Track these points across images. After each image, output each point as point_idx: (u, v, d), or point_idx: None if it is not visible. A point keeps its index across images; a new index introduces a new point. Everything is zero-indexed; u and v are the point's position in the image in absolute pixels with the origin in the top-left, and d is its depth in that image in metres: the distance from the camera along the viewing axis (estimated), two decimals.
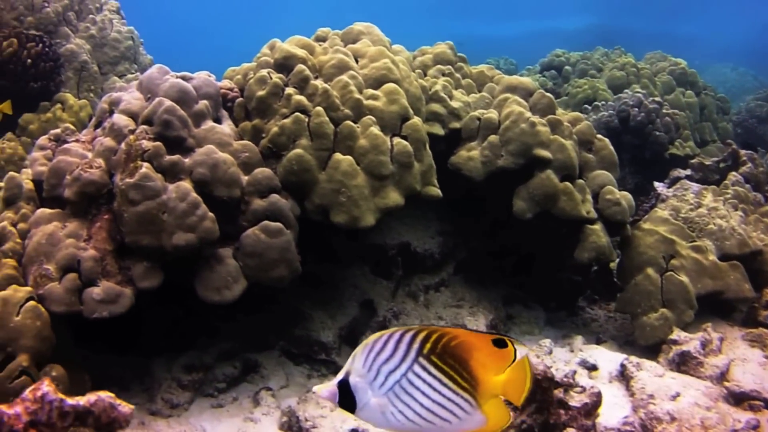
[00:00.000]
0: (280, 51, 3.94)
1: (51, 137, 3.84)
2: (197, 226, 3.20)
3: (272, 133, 3.67)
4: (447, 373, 1.83)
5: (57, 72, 5.85)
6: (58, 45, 6.06)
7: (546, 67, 9.50)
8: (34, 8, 6.07)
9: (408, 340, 1.83)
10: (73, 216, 3.35)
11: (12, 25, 5.92)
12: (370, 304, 4.34)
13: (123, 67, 6.57)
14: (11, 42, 5.63)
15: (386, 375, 1.83)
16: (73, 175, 3.32)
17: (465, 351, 1.84)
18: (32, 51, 5.64)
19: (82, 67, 6.14)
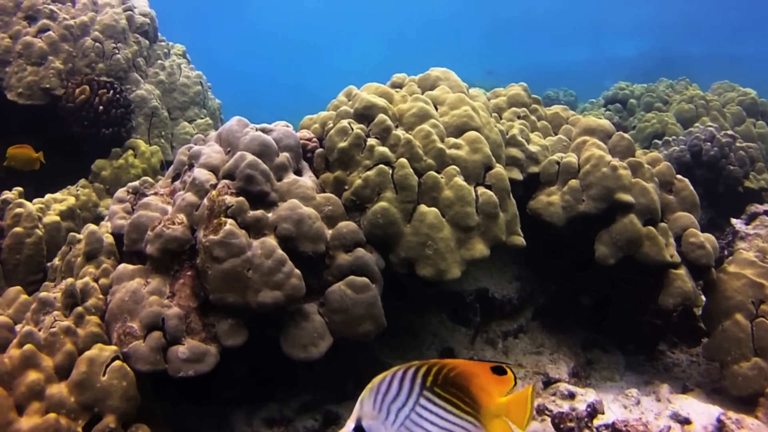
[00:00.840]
0: (360, 101, 3.88)
1: (129, 190, 3.82)
2: (284, 283, 3.13)
3: (356, 186, 3.60)
4: (450, 400, 1.88)
5: (128, 118, 5.86)
6: (128, 91, 6.08)
7: (610, 101, 9.41)
8: (104, 55, 6.10)
9: (411, 377, 1.88)
10: (156, 272, 3.30)
11: (84, 72, 5.95)
12: (450, 352, 4.25)
13: (192, 112, 6.58)
14: (83, 89, 5.65)
15: (396, 412, 1.87)
16: (156, 231, 3.27)
17: (464, 378, 1.90)
18: (104, 97, 5.65)
19: (153, 112, 6.16)
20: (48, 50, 5.88)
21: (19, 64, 5.83)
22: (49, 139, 6.12)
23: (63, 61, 5.92)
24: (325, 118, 4.05)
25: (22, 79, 5.76)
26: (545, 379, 4.23)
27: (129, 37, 6.41)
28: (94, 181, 5.60)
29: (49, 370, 2.98)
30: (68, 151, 6.13)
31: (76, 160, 6.09)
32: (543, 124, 4.79)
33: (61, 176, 6.13)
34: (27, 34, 5.96)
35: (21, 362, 2.94)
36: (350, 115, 3.90)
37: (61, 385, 2.95)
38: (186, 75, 6.78)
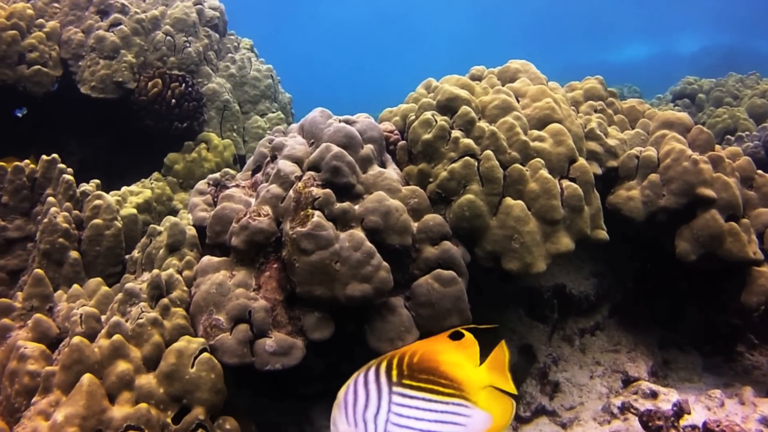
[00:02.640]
0: (442, 92, 3.83)
1: (210, 182, 3.81)
2: (372, 276, 3.09)
3: (441, 178, 3.56)
4: (425, 388, 1.77)
5: (200, 111, 5.86)
6: (200, 84, 6.08)
7: (678, 96, 9.27)
8: (176, 48, 6.11)
9: (374, 378, 1.79)
10: (241, 264, 3.28)
11: (156, 66, 5.96)
12: (529, 349, 4.19)
13: (263, 105, 6.56)
14: (156, 82, 5.66)
15: (373, 420, 1.77)
16: (241, 223, 3.25)
17: (429, 360, 1.80)
18: (176, 91, 5.66)
19: (225, 106, 6.15)
20: (120, 44, 5.90)
21: (91, 58, 5.86)
22: (120, 132, 6.15)
23: (135, 54, 5.93)
24: (405, 111, 4.01)
25: (94, 73, 5.79)
26: (624, 377, 4.17)
27: (200, 31, 6.41)
28: (166, 175, 5.60)
29: (138, 361, 2.97)
30: (139, 144, 6.16)
31: (148, 153, 6.11)
32: (620, 117, 4.71)
33: (132, 169, 6.15)
34: (99, 28, 5.99)
35: (110, 352, 2.93)
36: (433, 107, 3.85)
37: (149, 375, 2.94)
38: (257, 68, 6.77)
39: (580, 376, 4.20)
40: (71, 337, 3.14)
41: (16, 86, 5.71)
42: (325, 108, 3.77)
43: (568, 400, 4.06)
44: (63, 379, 2.87)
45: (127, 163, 6.26)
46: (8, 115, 5.78)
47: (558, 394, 4.11)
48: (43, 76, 5.75)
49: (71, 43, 5.96)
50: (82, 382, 2.76)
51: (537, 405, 3.98)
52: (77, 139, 6.35)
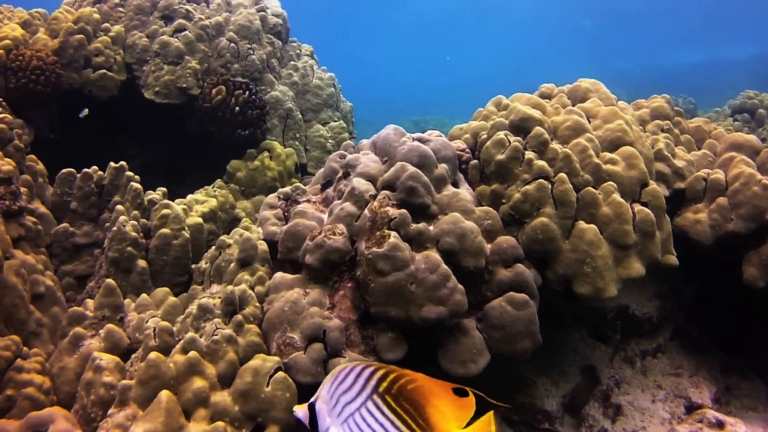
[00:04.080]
0: (515, 112, 3.82)
1: (280, 196, 3.83)
2: (448, 298, 3.08)
3: (514, 200, 3.55)
4: (399, 414, 1.79)
5: (263, 119, 5.87)
6: (263, 92, 6.09)
7: (737, 110, 9.16)
8: (239, 55, 6.13)
9: (367, 376, 1.85)
10: (314, 282, 3.29)
11: (219, 72, 5.98)
12: (592, 370, 4.17)
13: (326, 114, 6.57)
14: (220, 89, 5.68)
15: (343, 405, 1.85)
16: (316, 241, 3.25)
17: (422, 396, 1.80)
18: (240, 98, 5.68)
19: (287, 114, 6.16)
20: (184, 50, 5.93)
21: (156, 63, 5.89)
22: (181, 136, 6.18)
23: (199, 60, 5.96)
24: (476, 129, 4.00)
25: (159, 78, 5.82)
26: (687, 403, 4.13)
27: (263, 38, 6.43)
28: (229, 182, 5.62)
29: (213, 378, 2.98)
30: (200, 149, 6.19)
31: (208, 158, 6.14)
32: (686, 137, 4.67)
33: (192, 174, 6.19)
34: (164, 33, 6.02)
35: (186, 369, 2.95)
36: (505, 126, 3.83)
37: (224, 393, 2.95)
38: (319, 77, 6.77)
39: (642, 399, 4.17)
40: (145, 350, 3.17)
41: (81, 90, 5.75)
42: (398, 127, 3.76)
43: (630, 424, 4.03)
44: (140, 394, 2.89)
45: (187, 168, 6.29)
46: (73, 117, 5.83)
47: (620, 417, 4.08)
48: (108, 80, 5.79)
49: (136, 47, 6.00)
50: (161, 399, 2.78)
51: (599, 428, 3.96)
52: (138, 143, 6.40)
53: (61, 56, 5.68)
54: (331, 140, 6.33)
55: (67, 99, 5.75)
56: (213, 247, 4.07)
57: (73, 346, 3.47)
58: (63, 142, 5.76)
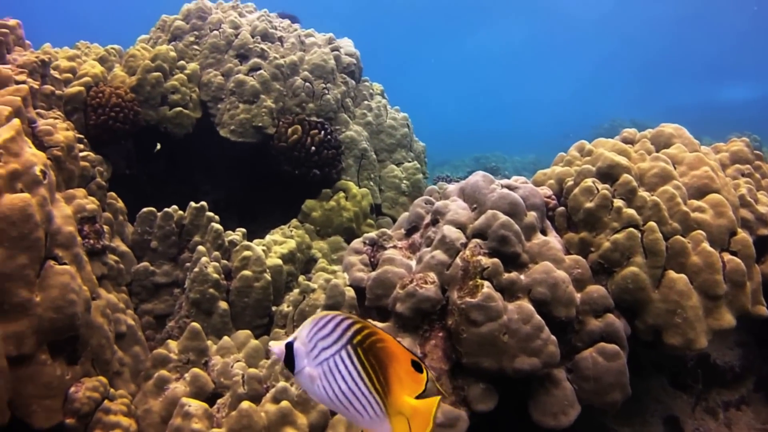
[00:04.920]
0: (602, 159, 3.79)
1: (366, 241, 3.82)
2: (542, 350, 3.06)
3: (604, 249, 3.51)
4: (366, 368, 1.86)
5: (338, 159, 5.88)
6: (338, 132, 6.12)
7: None
8: (314, 95, 6.16)
9: (345, 326, 1.87)
10: (404, 331, 3.27)
11: (294, 112, 6.02)
12: (675, 421, 4.10)
13: (399, 154, 6.57)
14: (296, 129, 5.71)
15: (320, 350, 1.88)
16: (408, 290, 3.24)
17: (386, 356, 1.87)
18: (315, 138, 5.70)
19: (362, 154, 6.17)
20: (260, 89, 5.97)
21: (231, 102, 5.94)
22: (254, 174, 6.23)
23: (274, 99, 5.99)
24: (561, 175, 3.98)
25: (234, 117, 5.86)
26: None
27: (337, 77, 6.45)
28: (304, 222, 5.63)
29: (304, 428, 2.99)
30: (272, 187, 6.23)
31: (280, 197, 6.17)
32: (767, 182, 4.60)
33: (264, 211, 6.23)
34: (239, 72, 6.07)
35: (278, 418, 2.95)
36: (592, 173, 3.81)
37: None
38: (392, 117, 6.78)
39: None
40: (234, 397, 3.18)
41: (158, 127, 5.82)
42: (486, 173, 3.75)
43: None
44: None
45: (260, 206, 6.33)
46: (149, 154, 5.89)
47: None
48: (184, 117, 5.85)
49: (211, 85, 6.05)
50: None
51: None
52: (211, 180, 6.45)
53: (139, 93, 5.75)
54: (405, 181, 6.33)
55: (143, 135, 5.82)
56: (296, 290, 4.08)
57: (158, 389, 3.48)
58: (138, 178, 5.82)
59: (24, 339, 2.86)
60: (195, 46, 6.37)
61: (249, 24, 6.56)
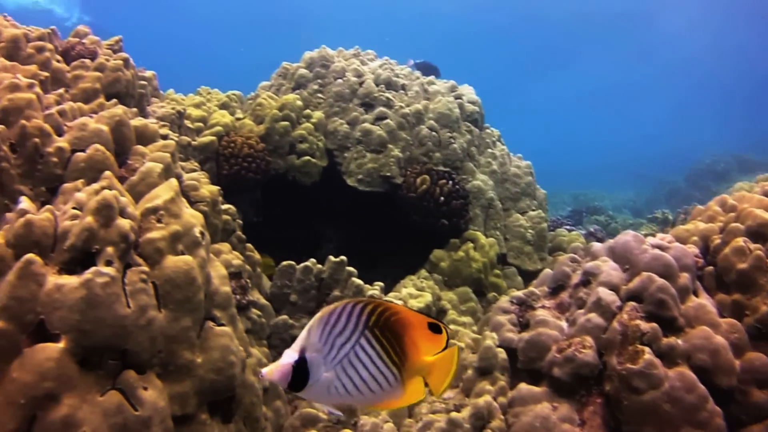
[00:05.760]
0: (751, 217, 3.69)
1: (514, 300, 3.78)
2: (708, 422, 2.98)
3: (761, 312, 3.41)
4: (384, 346, 1.81)
5: (466, 209, 5.85)
6: (464, 181, 6.09)
7: None
8: (441, 144, 6.15)
9: (358, 312, 1.80)
10: (560, 396, 3.23)
11: (421, 161, 6.01)
12: None
13: (524, 203, 6.51)
14: (424, 179, 5.70)
15: (339, 348, 1.80)
16: (566, 355, 3.20)
17: (401, 327, 1.83)
18: (444, 188, 5.68)
19: (489, 204, 6.13)
20: (387, 138, 5.98)
21: (358, 150, 5.97)
22: (377, 222, 6.23)
23: (401, 149, 6.00)
24: (705, 232, 3.89)
25: (362, 166, 5.88)
26: None
27: (461, 126, 6.43)
28: (432, 272, 5.61)
29: None
30: (394, 236, 6.22)
31: (401, 246, 6.15)
32: None
33: (384, 260, 6.21)
34: (365, 121, 6.09)
35: None
36: (741, 231, 3.71)
37: None
38: (516, 165, 6.73)
39: None
40: None
41: (285, 175, 5.87)
42: (637, 233, 3.69)
43: None
44: None
45: (381, 253, 6.32)
46: (277, 201, 5.95)
47: None
48: (312, 166, 5.90)
49: (337, 134, 6.09)
50: None
51: None
52: (334, 227, 6.47)
53: (268, 142, 5.82)
54: (530, 230, 6.27)
55: (271, 184, 5.87)
56: None
57: None
58: (262, 224, 5.88)
59: (187, 399, 2.89)
60: (319, 95, 6.43)
61: (372, 72, 6.60)
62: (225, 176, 5.36)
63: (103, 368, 2.58)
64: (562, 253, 6.22)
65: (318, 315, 1.83)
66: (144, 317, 2.67)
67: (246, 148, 5.47)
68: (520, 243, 6.23)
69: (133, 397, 2.59)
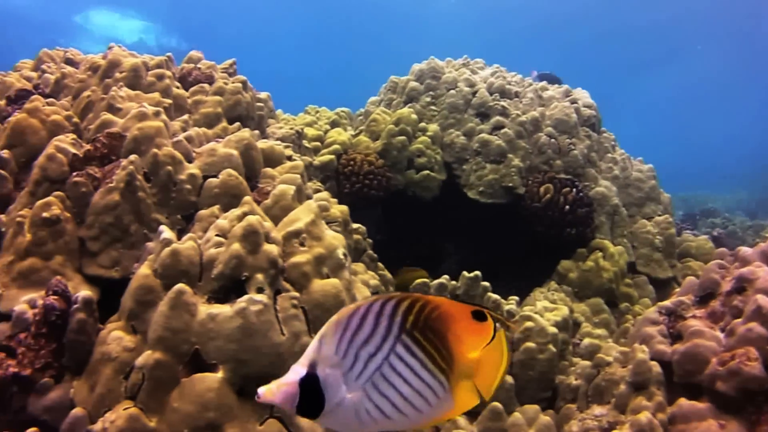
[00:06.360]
0: None
1: (662, 311, 3.65)
2: None
3: None
4: (428, 351, 1.47)
5: (591, 217, 5.70)
6: (587, 188, 5.94)
7: None
8: (561, 151, 6.01)
9: (389, 313, 1.45)
10: (727, 412, 3.07)
11: (541, 170, 5.89)
12: None
13: (649, 208, 6.32)
14: (547, 188, 5.58)
15: (365, 361, 1.44)
16: (730, 368, 3.04)
17: (443, 323, 1.49)
18: (568, 196, 5.55)
19: (614, 210, 5.96)
20: (506, 147, 5.87)
21: (477, 162, 5.88)
22: (499, 235, 6.12)
23: (521, 158, 5.89)
24: None
25: (482, 178, 5.79)
26: None
27: (579, 131, 6.28)
28: (561, 283, 5.47)
29: None
30: (515, 247, 6.10)
31: (523, 257, 6.03)
32: None
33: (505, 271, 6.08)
34: (481, 131, 6.00)
35: None
36: None
37: None
38: (638, 169, 6.54)
39: None
40: None
41: (405, 191, 5.82)
42: None
43: None
44: None
45: (502, 265, 6.21)
46: (397, 217, 5.90)
47: None
48: (432, 180, 5.83)
49: (454, 146, 6.01)
50: None
51: None
52: (454, 240, 6.38)
53: (385, 158, 5.78)
54: (658, 236, 6.06)
55: (390, 200, 5.82)
56: (584, 361, 3.93)
57: None
58: (384, 242, 5.82)
59: None
60: (432, 107, 6.36)
61: (483, 81, 6.51)
62: (347, 195, 5.33)
63: None
64: (691, 260, 6.04)
65: (334, 318, 1.50)
66: (298, 343, 2.65)
67: (366, 165, 5.44)
68: (648, 250, 6.02)
69: (292, 424, 2.57)
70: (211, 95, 4.52)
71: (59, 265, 3.12)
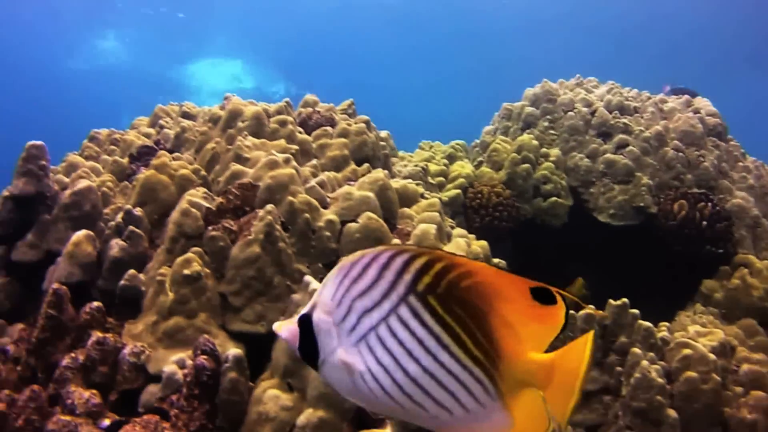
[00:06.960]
0: None
1: None
2: None
3: None
4: (451, 328, 1.13)
5: (730, 231, 5.48)
6: (722, 201, 5.73)
7: None
8: (690, 164, 5.82)
9: (398, 267, 1.15)
10: None
11: (673, 186, 5.71)
12: None
13: None
14: (681, 204, 5.40)
15: (359, 315, 1.18)
16: None
17: (484, 299, 1.14)
18: (704, 211, 5.35)
19: (755, 222, 5.73)
20: (633, 166, 5.72)
21: (604, 184, 5.74)
22: (634, 259, 5.93)
23: (649, 175, 5.73)
24: None
25: (611, 200, 5.65)
26: None
27: (707, 142, 6.08)
28: (706, 305, 5.24)
29: None
30: (651, 269, 5.90)
31: (658, 278, 5.84)
32: None
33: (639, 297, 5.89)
34: (605, 151, 5.87)
35: None
36: None
37: None
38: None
39: None
40: None
41: (534, 220, 5.72)
42: None
43: None
44: None
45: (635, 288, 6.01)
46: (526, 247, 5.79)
47: None
48: (560, 207, 5.72)
49: (579, 170, 5.88)
50: None
51: None
52: (586, 267, 6.22)
53: (511, 188, 5.71)
54: None
55: (519, 230, 5.72)
56: (756, 392, 3.75)
57: None
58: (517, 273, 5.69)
59: None
60: (551, 131, 6.25)
61: (600, 99, 6.37)
62: (477, 228, 5.25)
63: None
64: None
65: (340, 263, 1.27)
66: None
67: (494, 197, 5.37)
68: None
69: None
70: (336, 137, 4.49)
71: (203, 322, 3.10)
